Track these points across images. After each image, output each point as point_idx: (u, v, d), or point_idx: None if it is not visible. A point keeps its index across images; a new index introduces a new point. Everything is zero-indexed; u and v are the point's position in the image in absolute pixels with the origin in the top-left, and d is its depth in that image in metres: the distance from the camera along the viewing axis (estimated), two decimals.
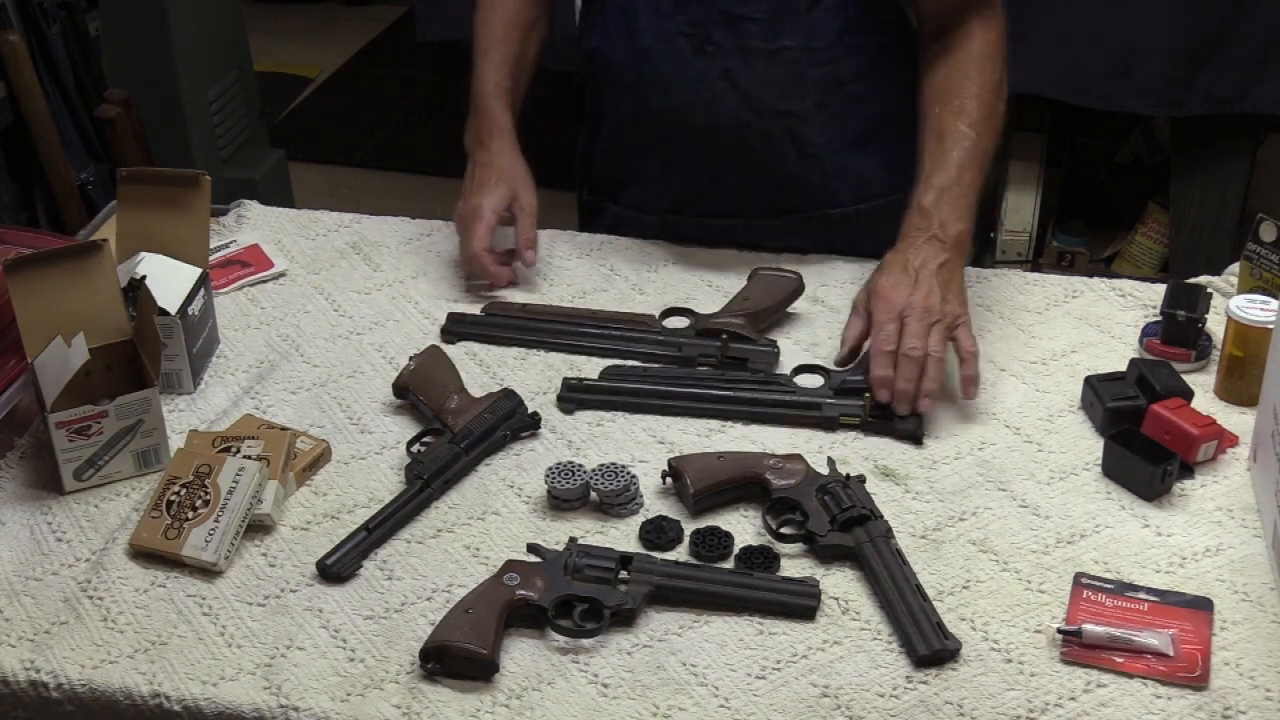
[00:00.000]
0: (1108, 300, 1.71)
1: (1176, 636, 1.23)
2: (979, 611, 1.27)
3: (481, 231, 1.72)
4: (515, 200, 1.75)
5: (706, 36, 1.69)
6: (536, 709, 1.19)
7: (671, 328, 1.64)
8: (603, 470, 1.39)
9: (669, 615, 1.27)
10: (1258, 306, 1.50)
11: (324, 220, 1.90)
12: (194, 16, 3.13)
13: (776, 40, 1.68)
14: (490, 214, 1.73)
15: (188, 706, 1.20)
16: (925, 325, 1.49)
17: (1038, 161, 3.09)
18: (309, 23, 5.35)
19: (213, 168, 3.18)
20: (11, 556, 1.35)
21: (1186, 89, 2.69)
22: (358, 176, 4.31)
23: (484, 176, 1.75)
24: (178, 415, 1.53)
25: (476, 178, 1.76)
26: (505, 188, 1.74)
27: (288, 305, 1.72)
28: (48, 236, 1.84)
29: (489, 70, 1.81)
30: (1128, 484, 1.40)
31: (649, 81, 1.73)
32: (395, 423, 1.52)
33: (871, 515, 1.34)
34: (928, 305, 1.51)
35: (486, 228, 1.72)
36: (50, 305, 1.44)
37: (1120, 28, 2.67)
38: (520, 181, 1.76)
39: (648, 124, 1.77)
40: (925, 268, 1.54)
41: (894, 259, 1.56)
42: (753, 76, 1.69)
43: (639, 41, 1.72)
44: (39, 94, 2.71)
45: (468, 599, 1.25)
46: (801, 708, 1.18)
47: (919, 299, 1.51)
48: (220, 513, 1.34)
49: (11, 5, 2.70)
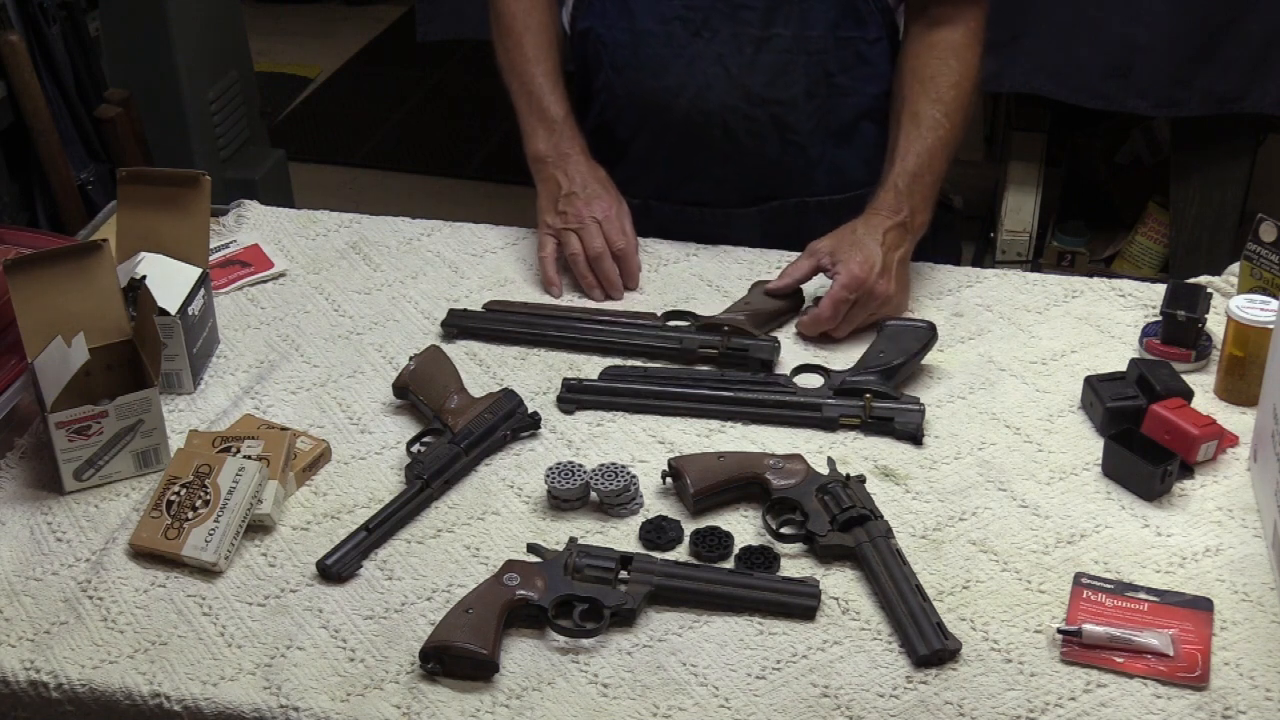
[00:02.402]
0: (1108, 300, 1.71)
1: (1176, 636, 1.23)
2: (979, 611, 1.27)
3: (630, 227, 1.74)
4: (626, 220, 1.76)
5: (703, 21, 1.71)
6: (536, 709, 1.19)
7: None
8: (603, 470, 1.39)
9: (669, 615, 1.27)
10: (1258, 306, 1.50)
11: (324, 220, 1.90)
12: (194, 17, 3.13)
13: (770, 28, 1.70)
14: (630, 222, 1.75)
15: (188, 706, 1.20)
16: (866, 314, 1.61)
17: (1038, 161, 3.09)
18: (309, 23, 5.35)
19: (213, 168, 3.18)
20: (11, 556, 1.35)
21: (1186, 89, 2.69)
22: (358, 176, 4.31)
23: (600, 180, 1.76)
24: (178, 415, 1.53)
25: (588, 180, 1.75)
26: (623, 205, 1.76)
27: (288, 305, 1.72)
28: (48, 236, 1.84)
29: (546, 83, 1.79)
30: (1128, 484, 1.40)
31: (642, 64, 1.74)
32: (395, 423, 1.52)
33: (871, 515, 1.34)
34: (884, 297, 1.61)
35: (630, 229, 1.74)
36: (50, 305, 1.44)
37: (1120, 28, 2.67)
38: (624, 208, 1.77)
39: (636, 106, 1.79)
40: (893, 254, 1.62)
41: (869, 235, 1.62)
42: (744, 63, 1.72)
43: (635, 24, 1.73)
44: (39, 94, 2.71)
45: (468, 599, 1.25)
46: (801, 708, 1.18)
47: (880, 289, 1.60)
48: (220, 513, 1.34)
49: (11, 5, 2.70)
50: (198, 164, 3.13)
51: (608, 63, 1.78)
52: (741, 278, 1.73)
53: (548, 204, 1.76)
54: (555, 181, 1.75)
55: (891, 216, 1.64)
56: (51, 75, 2.79)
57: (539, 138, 1.77)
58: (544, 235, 1.75)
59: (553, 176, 1.75)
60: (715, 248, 1.81)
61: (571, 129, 1.78)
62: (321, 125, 4.64)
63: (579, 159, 1.76)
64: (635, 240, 1.75)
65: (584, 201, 1.73)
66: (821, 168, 1.82)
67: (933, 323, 1.59)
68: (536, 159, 1.78)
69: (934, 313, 1.66)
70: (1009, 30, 2.68)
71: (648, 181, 1.84)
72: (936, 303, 1.70)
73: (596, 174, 1.76)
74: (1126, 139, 3.21)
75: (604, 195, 1.74)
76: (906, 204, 1.65)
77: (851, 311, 1.60)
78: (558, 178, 1.75)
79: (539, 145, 1.77)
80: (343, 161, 4.39)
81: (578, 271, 1.72)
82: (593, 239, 1.71)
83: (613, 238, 1.72)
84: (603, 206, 1.73)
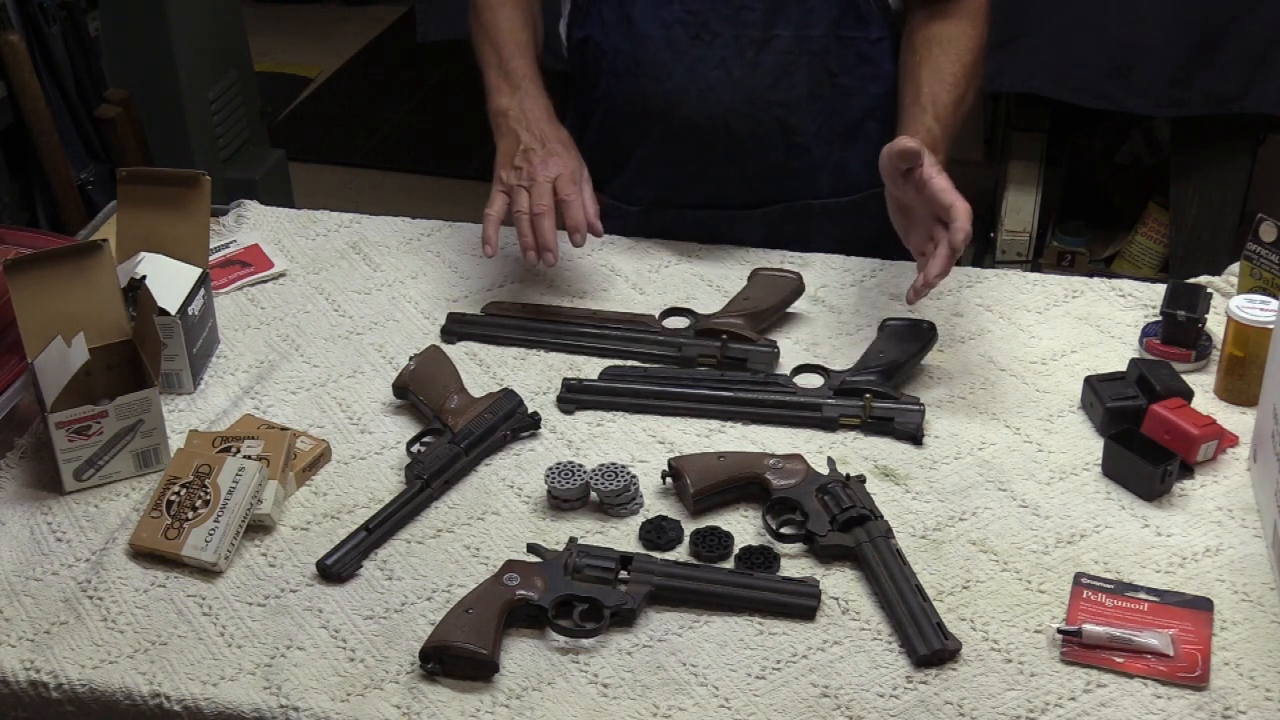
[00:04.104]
0: (1108, 300, 1.71)
1: (1176, 636, 1.23)
2: (979, 611, 1.27)
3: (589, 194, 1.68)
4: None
5: (704, 24, 1.71)
6: (536, 709, 1.19)
7: (671, 328, 1.64)
8: (603, 470, 1.39)
9: (669, 615, 1.27)
10: (1258, 306, 1.50)
11: (324, 220, 1.90)
12: (194, 16, 3.13)
13: (771, 29, 1.70)
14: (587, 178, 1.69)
15: (188, 706, 1.20)
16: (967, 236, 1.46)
17: (1038, 161, 3.09)
18: (309, 23, 5.35)
19: (213, 168, 3.18)
20: (11, 556, 1.35)
21: (1186, 89, 2.69)
22: (358, 176, 4.31)
23: (562, 140, 1.70)
24: (178, 415, 1.53)
25: (547, 137, 1.69)
26: (583, 167, 1.70)
27: (288, 305, 1.72)
28: (48, 236, 1.84)
29: (515, 50, 1.75)
30: (1128, 484, 1.40)
31: (643, 69, 1.74)
32: (395, 423, 1.52)
33: (871, 515, 1.34)
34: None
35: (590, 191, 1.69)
36: (50, 305, 1.44)
37: (1120, 28, 2.67)
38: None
39: (639, 113, 1.78)
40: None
41: (935, 162, 1.50)
42: (746, 65, 1.71)
43: (635, 29, 1.72)
44: (39, 94, 2.71)
45: (468, 599, 1.25)
46: (801, 708, 1.18)
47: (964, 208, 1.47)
48: (220, 513, 1.34)
49: (11, 5, 2.70)
50: (198, 164, 3.13)
51: (608, 70, 1.78)
52: (742, 278, 1.73)
53: (504, 159, 1.69)
54: (515, 136, 1.69)
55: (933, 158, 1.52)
56: (51, 75, 2.79)
57: (502, 93, 1.73)
58: (496, 191, 1.69)
59: (513, 130, 1.70)
60: (716, 247, 1.81)
61: (536, 87, 1.73)
62: (321, 125, 4.64)
63: (540, 115, 1.71)
64: (595, 206, 1.68)
65: (540, 159, 1.67)
66: (826, 169, 1.81)
67: (933, 323, 1.59)
68: (498, 113, 1.72)
69: (934, 313, 1.66)
70: (1009, 30, 2.68)
71: (651, 187, 1.84)
72: (936, 303, 1.70)
73: (559, 133, 1.71)
74: (1126, 139, 3.21)
75: (563, 154, 1.68)
76: (939, 150, 1.56)
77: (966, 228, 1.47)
78: (518, 131, 1.69)
79: (502, 100, 1.72)
80: (343, 161, 4.39)
81: (519, 230, 1.65)
82: (541, 197, 1.64)
83: (562, 190, 1.65)
84: (559, 164, 1.67)
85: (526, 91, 1.73)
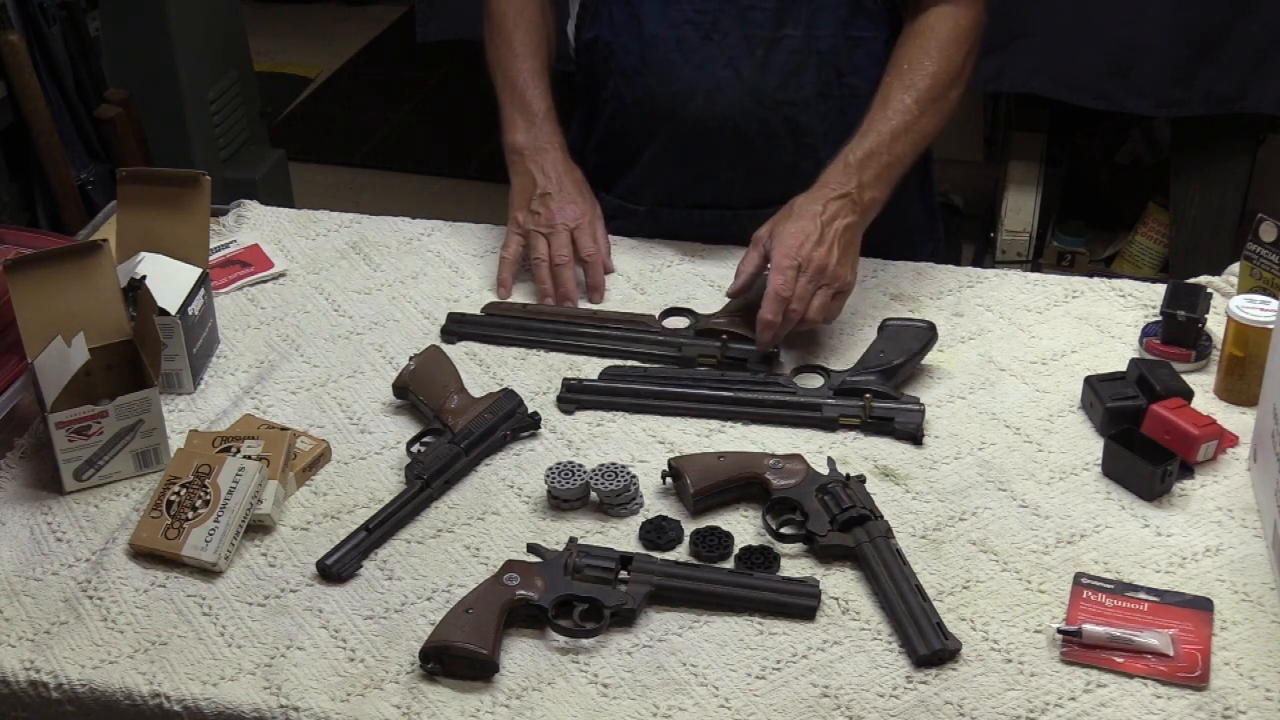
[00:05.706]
0: (1108, 300, 1.71)
1: (1176, 636, 1.23)
2: (979, 611, 1.27)
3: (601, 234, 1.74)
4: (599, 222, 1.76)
5: (713, 24, 1.70)
6: (536, 709, 1.19)
7: (671, 328, 1.64)
8: (603, 470, 1.39)
9: (669, 615, 1.27)
10: (1258, 306, 1.50)
11: (324, 220, 1.90)
12: (194, 16, 3.13)
13: (780, 29, 1.70)
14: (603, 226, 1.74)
15: (188, 706, 1.20)
16: (814, 286, 1.54)
17: (1038, 161, 3.09)
18: (309, 23, 5.35)
19: (213, 168, 3.18)
20: (11, 556, 1.35)
21: (1186, 89, 2.69)
22: (358, 176, 4.31)
23: (576, 182, 1.75)
24: (178, 415, 1.53)
25: (564, 181, 1.74)
26: (597, 210, 1.76)
27: (288, 305, 1.72)
28: (48, 236, 1.84)
29: (530, 79, 1.78)
30: (1128, 484, 1.40)
31: (652, 70, 1.74)
32: (395, 423, 1.52)
33: (871, 515, 1.34)
34: (823, 265, 1.54)
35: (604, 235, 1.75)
36: (50, 305, 1.44)
37: (1120, 28, 2.67)
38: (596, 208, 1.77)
39: (647, 113, 1.77)
40: (833, 225, 1.56)
41: (807, 207, 1.58)
42: (755, 65, 1.71)
43: (644, 30, 1.72)
44: (39, 94, 2.71)
45: (468, 599, 1.25)
46: (801, 708, 1.18)
47: (819, 256, 1.54)
48: (220, 513, 1.34)
49: (11, 5, 2.70)
50: (198, 164, 3.13)
51: (616, 70, 1.77)
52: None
53: (520, 200, 1.73)
54: (531, 177, 1.73)
55: (836, 189, 1.59)
56: (51, 75, 2.79)
57: (518, 128, 1.76)
58: (512, 234, 1.73)
59: (528, 171, 1.74)
60: (719, 247, 1.81)
61: (552, 124, 1.76)
62: (321, 125, 4.64)
63: (557, 155, 1.75)
64: (607, 245, 1.75)
65: (558, 205, 1.72)
66: None
67: (933, 323, 1.59)
68: (514, 150, 1.76)
69: (934, 313, 1.66)
70: (1009, 30, 2.68)
71: (658, 188, 1.83)
72: (936, 303, 1.70)
73: (573, 175, 1.75)
74: (1126, 139, 3.21)
75: (579, 199, 1.73)
76: (855, 178, 1.60)
77: (800, 287, 1.53)
78: (534, 173, 1.73)
79: (517, 136, 1.76)
80: (343, 161, 4.39)
81: (538, 277, 1.70)
82: (560, 247, 1.70)
83: (583, 244, 1.71)
84: (576, 212, 1.72)
85: (542, 128, 1.76)
